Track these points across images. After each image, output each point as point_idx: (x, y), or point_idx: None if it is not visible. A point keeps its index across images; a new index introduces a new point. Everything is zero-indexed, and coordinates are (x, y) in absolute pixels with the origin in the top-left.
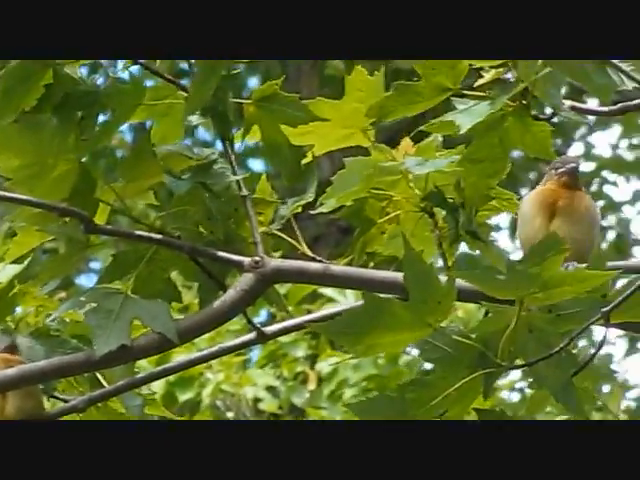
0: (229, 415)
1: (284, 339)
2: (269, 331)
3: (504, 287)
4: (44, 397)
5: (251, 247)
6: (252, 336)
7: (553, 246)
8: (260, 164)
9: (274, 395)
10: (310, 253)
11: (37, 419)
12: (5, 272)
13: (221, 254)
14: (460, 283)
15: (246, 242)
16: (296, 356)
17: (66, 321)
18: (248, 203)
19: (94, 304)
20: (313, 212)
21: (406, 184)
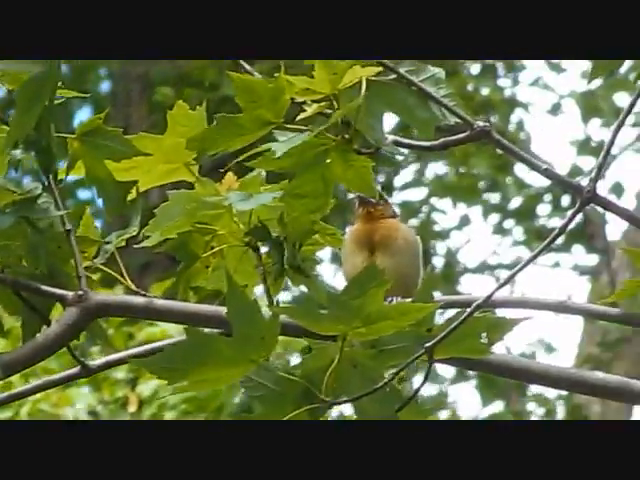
0: None
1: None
2: (93, 365)
3: (325, 322)
4: None
5: (75, 281)
6: (76, 370)
7: (372, 278)
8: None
9: (95, 418)
10: (134, 287)
11: None
12: None
13: (44, 288)
14: (286, 318)
15: (70, 276)
16: (117, 378)
17: None
18: (72, 238)
19: None
20: (137, 246)
21: (230, 218)
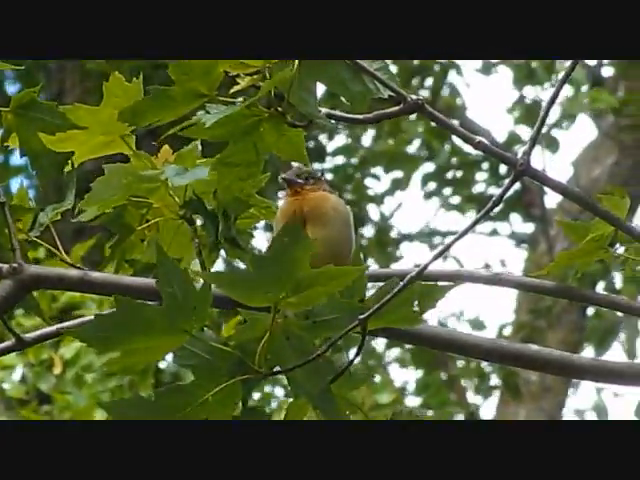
0: None
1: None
2: (28, 338)
3: (255, 291)
4: None
5: (10, 254)
6: (11, 343)
7: (294, 237)
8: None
9: (21, 382)
10: (68, 260)
11: None
12: None
13: None
14: (220, 291)
15: (5, 249)
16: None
17: None
18: (6, 209)
19: None
20: (73, 220)
21: (165, 191)
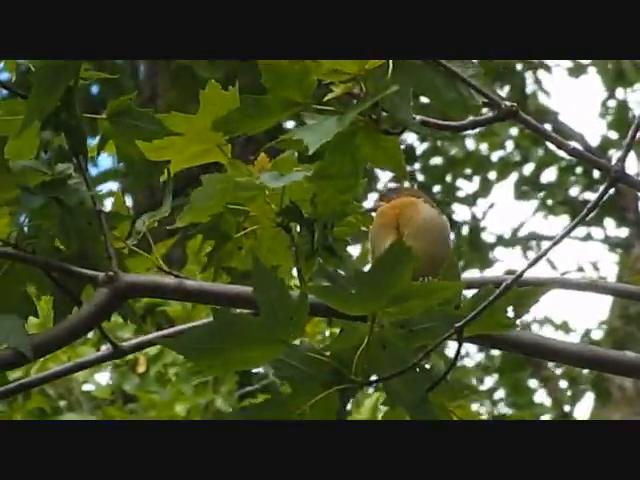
0: (62, 404)
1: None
2: (125, 346)
3: (354, 302)
4: None
5: (106, 262)
6: (108, 351)
7: (399, 255)
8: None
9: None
10: (165, 268)
11: None
12: None
13: (75, 269)
14: (316, 299)
15: (101, 257)
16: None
17: None
18: (102, 218)
19: None
20: (170, 228)
21: (263, 199)
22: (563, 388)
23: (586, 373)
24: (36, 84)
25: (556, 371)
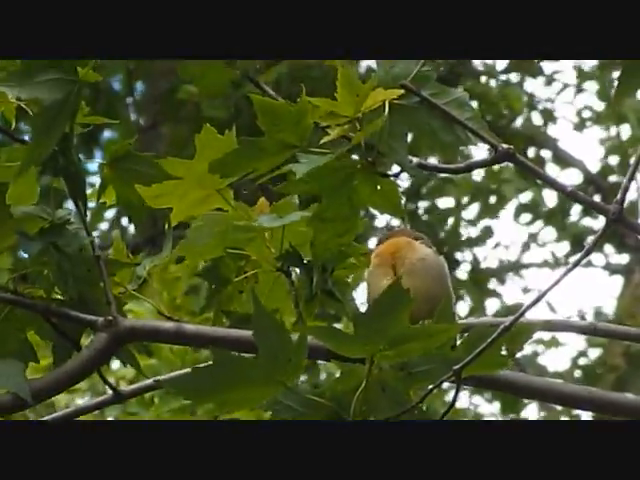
0: None
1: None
2: (125, 391)
3: (352, 344)
4: None
5: (105, 306)
6: (109, 396)
7: (396, 298)
8: None
9: None
10: (165, 312)
11: None
12: None
13: (74, 314)
14: (314, 341)
15: (100, 302)
16: None
17: None
18: (102, 264)
19: None
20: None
21: (262, 243)
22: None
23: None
24: (33, 130)
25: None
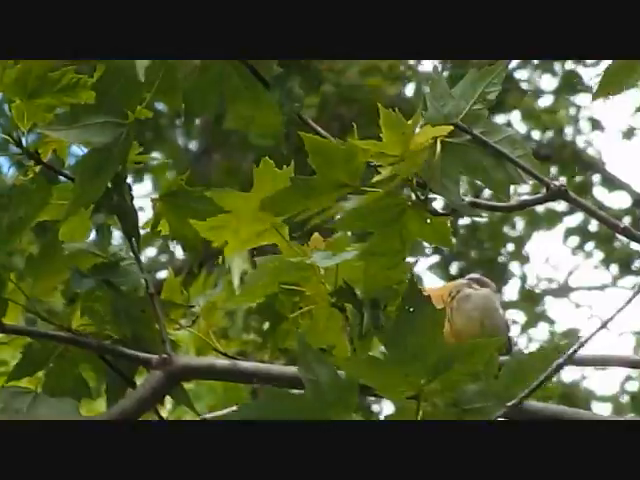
0: None
1: None
2: None
3: (392, 375)
4: None
5: (159, 344)
6: None
7: (423, 311)
8: None
9: None
10: (220, 349)
11: None
12: None
13: (128, 351)
14: None
15: (154, 339)
16: None
17: None
18: (155, 302)
19: (1, 404)
20: (225, 309)
21: (317, 279)
22: None
23: None
24: (79, 172)
25: None
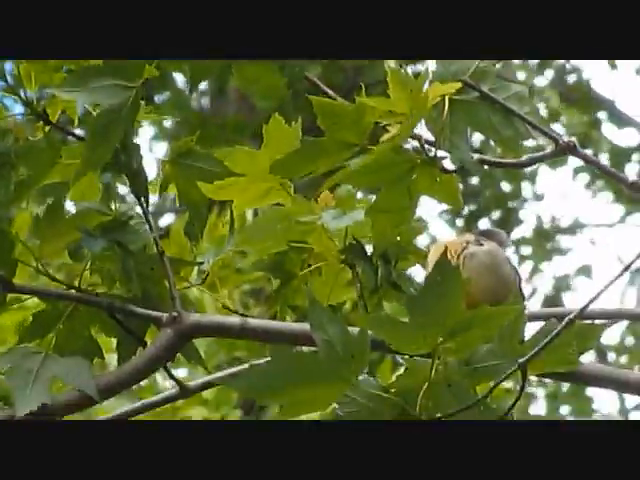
0: None
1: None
2: (192, 386)
3: (409, 334)
4: None
5: (169, 302)
6: (175, 392)
7: (447, 274)
8: None
9: None
10: (231, 306)
11: None
12: None
13: (138, 310)
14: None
15: (164, 298)
16: None
17: None
18: (165, 260)
19: (13, 365)
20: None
21: (324, 235)
22: None
23: None
24: (89, 134)
25: None
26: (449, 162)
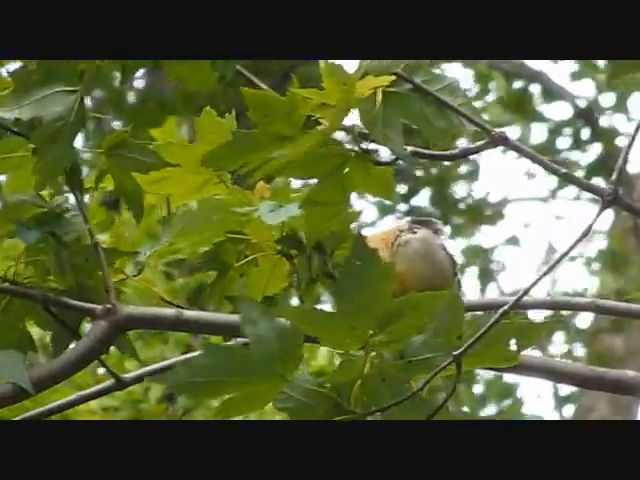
0: None
1: None
2: (127, 378)
3: (339, 327)
4: None
5: (104, 294)
6: (111, 384)
7: (369, 264)
8: None
9: None
10: (167, 298)
11: None
12: None
13: (72, 302)
14: None
15: (99, 290)
16: None
17: None
18: (100, 252)
19: None
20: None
21: (261, 225)
22: None
23: None
24: (38, 144)
25: None
26: (383, 155)
